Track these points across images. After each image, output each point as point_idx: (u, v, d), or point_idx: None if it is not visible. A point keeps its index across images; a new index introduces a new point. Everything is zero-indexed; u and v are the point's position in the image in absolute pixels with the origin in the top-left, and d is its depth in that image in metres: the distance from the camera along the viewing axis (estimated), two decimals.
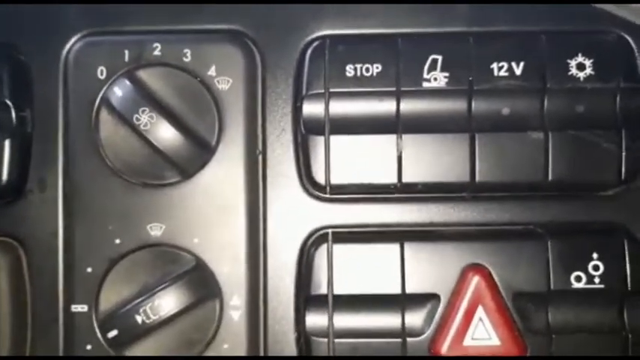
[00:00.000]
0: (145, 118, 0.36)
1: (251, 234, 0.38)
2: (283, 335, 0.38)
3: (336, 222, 0.39)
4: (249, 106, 0.39)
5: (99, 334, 0.37)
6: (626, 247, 0.38)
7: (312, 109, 0.38)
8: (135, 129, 0.36)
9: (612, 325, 0.38)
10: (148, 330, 0.36)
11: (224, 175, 0.38)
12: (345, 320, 0.38)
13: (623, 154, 0.38)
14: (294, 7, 0.39)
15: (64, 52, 0.39)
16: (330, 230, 0.39)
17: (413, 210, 0.39)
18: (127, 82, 0.37)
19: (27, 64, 0.39)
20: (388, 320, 0.37)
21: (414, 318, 0.38)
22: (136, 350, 0.36)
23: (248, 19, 0.39)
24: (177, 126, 0.37)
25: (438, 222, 0.39)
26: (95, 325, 0.37)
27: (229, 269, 0.38)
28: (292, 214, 0.39)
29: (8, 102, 0.38)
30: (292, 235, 0.39)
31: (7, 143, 0.38)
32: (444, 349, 0.37)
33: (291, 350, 0.38)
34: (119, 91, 0.37)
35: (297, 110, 0.39)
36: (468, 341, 0.37)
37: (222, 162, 0.38)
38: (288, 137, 0.39)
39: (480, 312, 0.37)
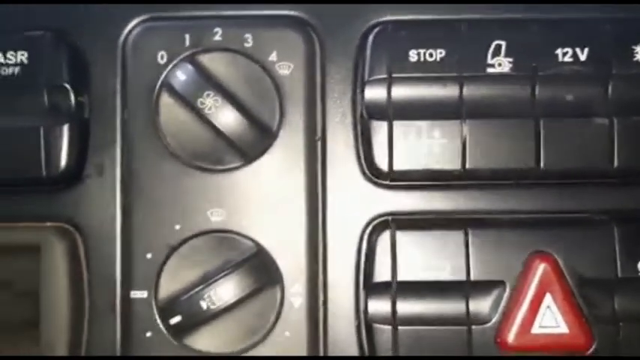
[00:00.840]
0: (209, 101, 0.36)
1: (311, 221, 0.38)
2: (344, 323, 0.38)
3: (398, 209, 0.38)
4: (310, 91, 0.38)
5: (159, 321, 0.36)
6: None
7: (374, 94, 0.38)
8: (199, 113, 0.36)
9: None
10: (212, 316, 0.35)
11: (285, 160, 0.38)
12: (409, 307, 0.37)
13: None
14: None
15: (122, 36, 0.38)
16: (391, 217, 0.38)
17: (477, 197, 0.38)
18: (190, 67, 0.37)
19: (85, 49, 0.38)
20: (453, 307, 0.37)
21: (480, 305, 0.37)
22: (198, 337, 0.36)
23: (309, 4, 0.39)
24: (241, 110, 0.36)
25: (502, 209, 0.38)
26: (155, 311, 0.37)
27: (290, 256, 0.37)
28: (353, 201, 0.38)
29: (67, 86, 0.37)
30: (353, 222, 0.38)
31: (65, 128, 0.37)
32: (511, 337, 0.37)
33: (352, 338, 0.38)
34: (182, 75, 0.37)
35: (358, 95, 0.38)
36: (535, 329, 0.37)
37: (283, 147, 0.38)
38: (348, 123, 0.38)
39: (547, 299, 0.37)
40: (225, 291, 0.35)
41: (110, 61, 0.38)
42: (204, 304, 0.35)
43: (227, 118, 0.36)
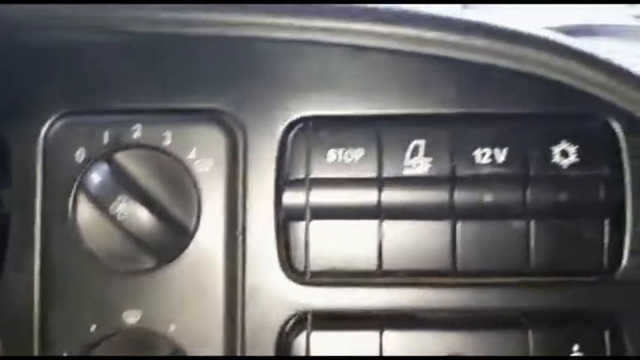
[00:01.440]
0: (122, 206, 0.36)
1: (229, 319, 0.38)
2: None
3: (316, 307, 0.38)
4: (231, 187, 0.38)
5: None
6: (607, 338, 0.38)
7: (293, 196, 0.38)
8: (112, 217, 0.36)
9: None
10: None
11: (203, 259, 0.38)
12: None
13: (606, 242, 0.38)
14: (276, 86, 0.39)
15: (43, 131, 0.38)
16: (309, 315, 0.38)
17: (393, 295, 0.38)
18: (105, 167, 0.37)
19: (6, 142, 0.38)
20: None
21: None
22: None
23: (230, 98, 0.39)
24: (155, 212, 0.36)
25: (418, 308, 0.38)
26: None
27: (207, 355, 0.37)
28: (272, 298, 0.38)
29: None
30: (271, 320, 0.38)
31: None
32: None
33: None
34: (97, 177, 0.37)
35: (278, 195, 0.38)
36: None
37: (201, 246, 0.38)
38: (269, 220, 0.38)
39: None
40: None
41: (31, 156, 0.38)
42: None
43: (140, 221, 0.36)
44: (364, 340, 0.38)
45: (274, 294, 0.38)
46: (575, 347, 0.38)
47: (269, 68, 0.39)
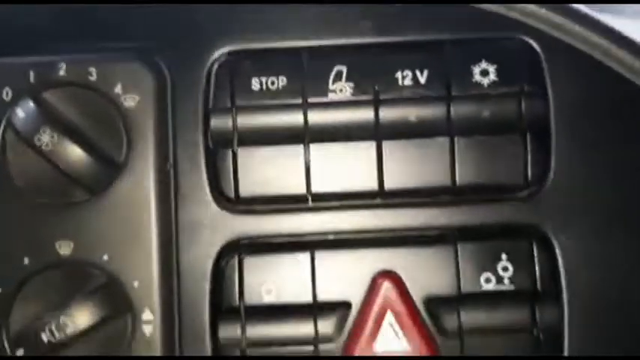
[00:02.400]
0: (46, 138, 0.36)
1: (163, 248, 0.38)
2: (199, 348, 0.38)
3: (248, 233, 0.39)
4: (158, 122, 0.39)
5: (9, 353, 0.37)
6: (534, 248, 0.38)
7: (219, 123, 0.39)
8: (37, 149, 0.36)
9: (523, 325, 0.38)
10: (54, 348, 0.36)
11: (134, 191, 0.38)
12: (258, 330, 0.38)
13: (529, 157, 0.39)
14: (200, 21, 0.39)
15: None
16: (240, 242, 0.39)
17: (323, 219, 0.39)
18: (30, 103, 0.37)
19: None
20: (301, 328, 0.38)
21: (326, 326, 0.38)
22: None
23: (154, 35, 0.39)
24: (82, 145, 0.37)
25: (349, 230, 0.39)
26: (6, 345, 0.37)
27: (141, 284, 0.38)
28: (204, 227, 0.39)
29: None
30: (204, 248, 0.39)
31: None
32: (356, 354, 0.38)
33: None
34: (22, 113, 0.37)
35: (206, 124, 0.39)
36: (379, 346, 0.38)
37: (132, 178, 0.38)
38: (198, 151, 0.39)
39: (389, 317, 0.38)
40: (70, 322, 0.36)
41: None
42: (44, 337, 0.35)
43: (66, 153, 0.37)
44: (296, 263, 0.38)
45: (206, 222, 0.39)
46: (503, 257, 0.38)
47: (193, 5, 0.39)
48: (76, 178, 0.37)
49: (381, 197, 0.39)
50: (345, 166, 0.39)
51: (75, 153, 0.37)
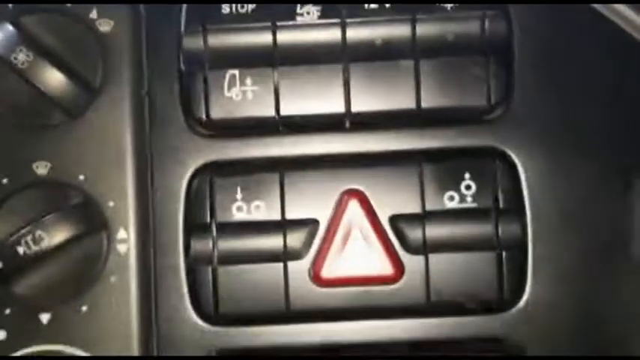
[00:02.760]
0: (22, 56, 0.37)
1: (138, 170, 0.39)
2: (173, 266, 0.40)
3: (219, 157, 0.40)
4: (133, 47, 0.40)
5: None
6: (497, 166, 0.39)
7: (190, 44, 0.40)
8: (13, 68, 0.37)
9: (486, 243, 0.39)
10: (30, 261, 0.37)
11: (110, 114, 0.39)
12: (229, 244, 0.39)
13: (492, 80, 0.39)
14: None
15: None
16: (212, 164, 0.40)
17: (292, 142, 0.40)
18: (9, 27, 0.38)
19: None
20: (270, 243, 0.39)
21: (295, 241, 0.39)
22: (22, 283, 0.37)
23: None
24: (59, 67, 0.38)
25: (317, 153, 0.40)
26: None
27: (116, 203, 0.39)
28: (177, 151, 0.40)
29: None
30: (178, 171, 0.40)
31: None
32: (324, 271, 0.39)
33: (181, 281, 0.40)
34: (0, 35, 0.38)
35: (180, 46, 0.40)
36: (344, 262, 0.39)
37: (108, 102, 0.39)
38: (172, 77, 0.40)
39: (355, 234, 0.39)
40: (46, 236, 0.37)
41: None
42: (20, 249, 0.37)
43: (43, 74, 0.38)
44: (265, 184, 0.40)
45: (179, 146, 0.40)
46: (467, 176, 0.39)
47: None
48: (52, 99, 0.38)
49: (348, 119, 0.40)
50: (314, 90, 0.40)
51: (52, 74, 0.38)
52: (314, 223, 0.39)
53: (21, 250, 0.37)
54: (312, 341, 0.39)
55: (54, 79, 0.38)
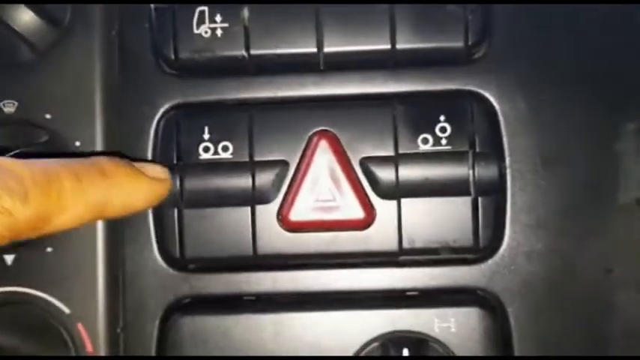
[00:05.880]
0: None
1: (106, 109, 0.39)
2: None
3: (188, 98, 0.39)
4: None
5: None
6: (473, 109, 0.38)
7: None
8: None
9: (460, 187, 0.37)
10: None
11: (78, 53, 0.39)
12: (195, 184, 0.38)
13: (470, 20, 0.38)
14: None
15: None
16: (179, 104, 0.39)
17: (263, 83, 0.39)
18: None
19: None
20: (238, 186, 0.38)
21: (263, 185, 0.38)
22: None
23: None
24: (27, 2, 0.38)
25: (289, 95, 0.39)
26: None
27: (83, 143, 0.38)
28: (146, 91, 0.39)
29: None
30: (147, 111, 0.39)
31: None
32: (292, 214, 0.38)
33: (148, 223, 0.39)
34: None
35: None
36: (315, 206, 0.38)
37: (77, 41, 0.39)
38: (143, 15, 0.39)
39: (326, 176, 0.38)
40: None
41: None
42: None
43: (13, 10, 0.37)
44: (233, 123, 0.39)
45: (146, 87, 0.39)
46: (442, 118, 0.38)
47: None
48: (20, 35, 0.38)
49: (319, 60, 0.38)
50: (286, 29, 0.38)
51: (21, 10, 0.37)
52: (283, 164, 0.38)
53: None
54: (280, 289, 0.38)
55: (23, 15, 0.38)
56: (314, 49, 0.38)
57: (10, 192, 0.28)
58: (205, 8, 0.38)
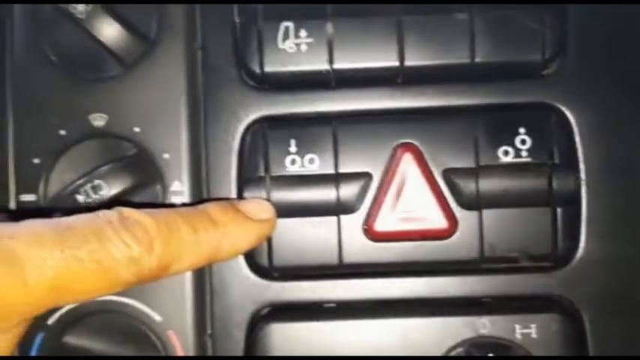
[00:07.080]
0: (80, 7, 0.38)
1: (191, 122, 0.40)
2: None
3: (273, 111, 0.40)
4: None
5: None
6: (552, 121, 0.39)
7: None
8: (72, 18, 0.38)
9: (541, 198, 0.39)
10: (88, 210, 0.37)
11: (164, 67, 0.40)
12: (282, 196, 0.39)
13: (547, 33, 0.39)
14: None
15: None
16: (266, 118, 0.40)
17: (345, 96, 0.40)
18: None
19: None
20: (323, 196, 0.39)
21: (348, 196, 0.39)
22: None
23: None
24: (115, 16, 0.38)
25: (370, 108, 0.40)
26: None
27: (171, 156, 0.39)
28: (231, 104, 0.40)
29: None
30: (232, 124, 0.40)
31: None
32: (377, 225, 0.39)
33: None
34: None
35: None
36: (398, 215, 0.39)
37: (162, 54, 0.40)
38: (227, 29, 0.40)
39: (408, 187, 0.39)
40: (104, 185, 0.38)
41: None
42: (80, 198, 0.37)
43: (101, 23, 0.38)
44: (319, 138, 0.40)
45: (233, 100, 0.40)
46: (522, 130, 0.39)
47: None
48: (109, 50, 0.38)
49: (402, 73, 0.39)
50: (368, 44, 0.39)
51: (109, 24, 0.38)
52: (367, 176, 0.39)
53: (80, 198, 0.37)
54: (365, 296, 0.40)
55: (111, 28, 0.38)
56: (396, 63, 0.39)
57: (138, 242, 0.31)
58: (290, 24, 0.39)
